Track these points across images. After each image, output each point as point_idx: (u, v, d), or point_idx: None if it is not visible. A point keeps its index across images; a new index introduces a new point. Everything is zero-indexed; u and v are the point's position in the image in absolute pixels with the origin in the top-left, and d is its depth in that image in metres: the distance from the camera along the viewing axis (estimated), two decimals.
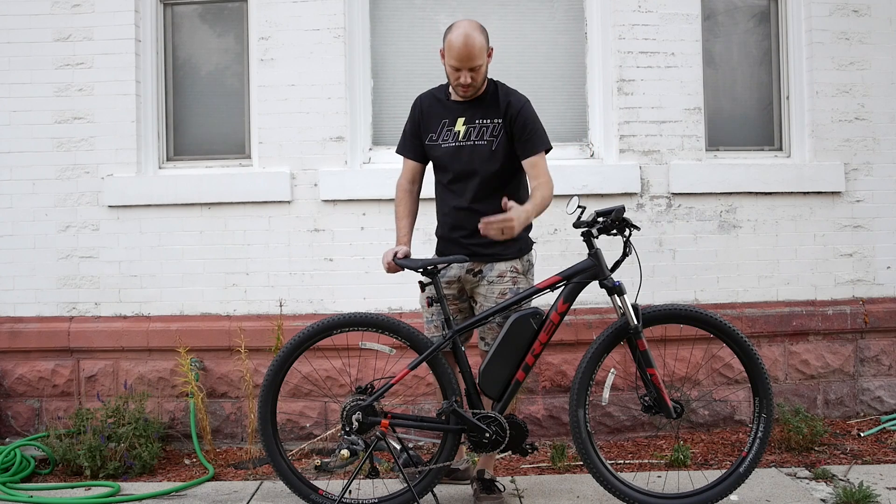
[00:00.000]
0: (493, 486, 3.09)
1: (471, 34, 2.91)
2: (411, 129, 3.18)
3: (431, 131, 3.10)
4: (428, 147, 3.12)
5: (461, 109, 3.07)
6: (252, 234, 4.12)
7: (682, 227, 4.17)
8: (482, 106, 3.07)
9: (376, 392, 2.94)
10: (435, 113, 3.11)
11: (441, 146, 3.08)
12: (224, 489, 3.40)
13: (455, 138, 3.06)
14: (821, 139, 4.25)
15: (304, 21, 4.12)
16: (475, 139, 3.04)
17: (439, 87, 3.19)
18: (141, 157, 4.17)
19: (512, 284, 3.06)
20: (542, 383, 4.04)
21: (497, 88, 3.10)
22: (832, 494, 3.12)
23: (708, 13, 4.36)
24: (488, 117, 3.05)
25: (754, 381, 2.99)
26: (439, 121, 3.09)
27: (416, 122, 3.16)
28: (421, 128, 3.14)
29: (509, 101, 3.05)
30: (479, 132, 3.05)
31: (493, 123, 3.04)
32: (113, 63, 4.12)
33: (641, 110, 4.16)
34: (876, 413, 4.22)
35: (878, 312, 4.22)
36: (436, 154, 3.11)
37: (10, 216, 4.15)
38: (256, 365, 3.94)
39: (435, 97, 3.16)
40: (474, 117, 3.06)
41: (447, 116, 3.09)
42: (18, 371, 4.07)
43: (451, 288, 3.11)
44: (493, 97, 3.08)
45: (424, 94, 3.21)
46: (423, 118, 3.13)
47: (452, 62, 2.93)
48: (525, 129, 3.02)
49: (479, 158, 3.03)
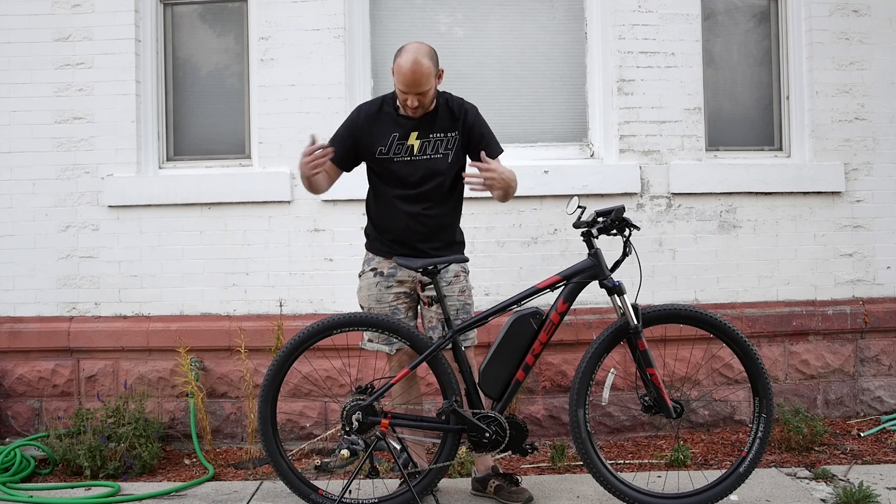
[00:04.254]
0: (515, 479, 3.16)
1: (419, 60, 2.90)
2: (346, 134, 3.12)
3: (380, 144, 3.07)
4: (377, 160, 3.09)
5: (413, 124, 3.07)
6: (252, 234, 4.12)
7: (682, 227, 4.17)
8: (435, 120, 3.09)
9: (376, 392, 2.94)
10: (382, 126, 3.09)
11: (394, 160, 3.07)
12: (224, 489, 3.40)
13: (409, 152, 3.07)
14: (821, 139, 4.25)
15: (304, 21, 4.12)
16: (430, 153, 3.07)
17: (384, 100, 3.15)
18: (141, 157, 4.17)
19: (467, 283, 3.18)
20: (542, 383, 4.04)
21: (447, 101, 3.12)
22: (832, 494, 3.12)
23: (708, 13, 4.36)
24: (443, 131, 3.08)
25: (754, 381, 2.99)
26: (388, 135, 3.07)
27: (353, 132, 3.11)
28: (362, 139, 3.09)
29: (465, 112, 3.10)
30: (433, 146, 3.08)
31: (448, 137, 3.08)
32: (113, 63, 4.12)
33: (641, 110, 4.16)
34: (876, 413, 4.22)
35: (878, 312, 4.21)
36: (388, 167, 3.08)
37: (10, 216, 4.15)
38: (256, 365, 3.94)
39: (381, 110, 3.12)
40: (428, 132, 3.07)
41: (397, 130, 3.07)
42: (18, 371, 4.07)
43: (403, 287, 3.14)
44: (444, 110, 3.10)
45: (367, 104, 3.18)
46: (367, 130, 3.09)
47: (400, 87, 2.96)
48: (483, 137, 3.10)
49: (436, 171, 3.08)
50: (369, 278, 3.17)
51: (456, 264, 3.14)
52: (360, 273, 3.23)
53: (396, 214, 3.10)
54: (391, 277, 3.13)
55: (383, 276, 3.13)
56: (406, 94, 2.96)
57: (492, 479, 3.18)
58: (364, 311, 3.19)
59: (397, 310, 3.14)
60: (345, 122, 3.18)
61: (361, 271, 3.23)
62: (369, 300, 3.17)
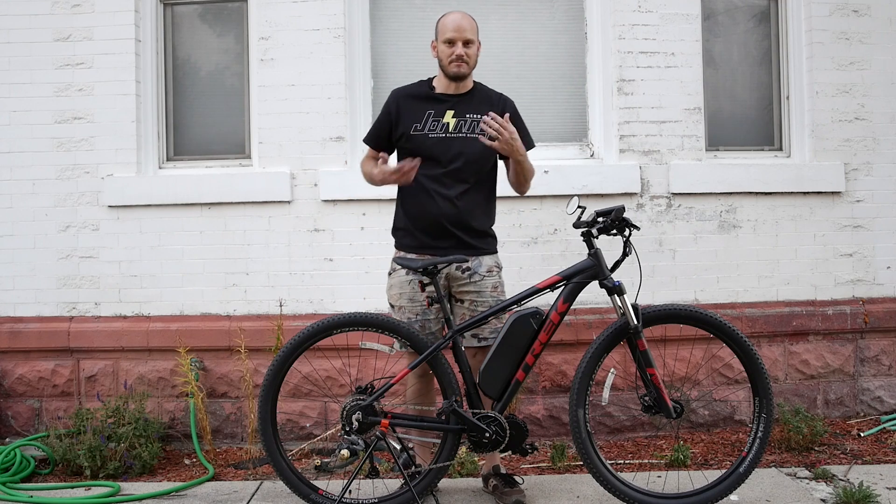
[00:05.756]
0: (513, 480, 3.14)
1: (464, 15, 3.06)
2: (384, 120, 3.17)
3: (415, 121, 3.08)
4: (411, 137, 3.08)
5: (450, 102, 3.09)
6: (252, 234, 4.12)
7: (682, 227, 4.17)
8: (472, 101, 3.11)
9: (376, 392, 2.94)
10: (418, 103, 3.11)
11: (428, 136, 3.07)
12: (224, 489, 3.40)
13: (444, 129, 3.07)
14: (821, 139, 4.25)
15: (304, 21, 4.12)
16: (466, 132, 3.07)
17: (419, 83, 3.20)
18: (141, 157, 4.17)
19: (499, 278, 3.15)
20: (542, 383, 4.04)
21: (484, 88, 3.18)
22: (832, 494, 3.12)
23: (708, 13, 4.36)
24: (480, 112, 3.06)
25: (754, 381, 2.99)
26: (424, 111, 3.09)
27: (390, 114, 3.14)
28: (400, 120, 3.11)
29: (504, 102, 3.15)
30: (469, 126, 3.08)
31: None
32: (113, 63, 4.12)
33: (641, 110, 4.16)
34: (876, 413, 4.22)
35: (878, 312, 4.22)
36: (422, 143, 3.07)
37: (10, 216, 4.15)
38: (256, 365, 3.94)
39: (416, 90, 3.17)
40: (464, 111, 3.08)
41: (433, 108, 3.09)
42: (18, 371, 4.08)
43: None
44: (481, 94, 3.15)
45: (402, 88, 3.21)
46: (402, 110, 3.11)
47: (448, 35, 3.01)
48: (519, 128, 3.08)
49: (470, 151, 3.06)
50: (401, 276, 3.12)
51: (489, 258, 3.12)
52: (390, 272, 3.19)
53: (429, 197, 3.06)
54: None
55: (416, 274, 3.08)
56: (453, 45, 3.00)
57: (492, 478, 3.19)
58: (394, 309, 3.17)
59: (427, 309, 3.10)
60: (383, 107, 3.19)
61: (392, 269, 3.19)
62: (400, 298, 3.13)
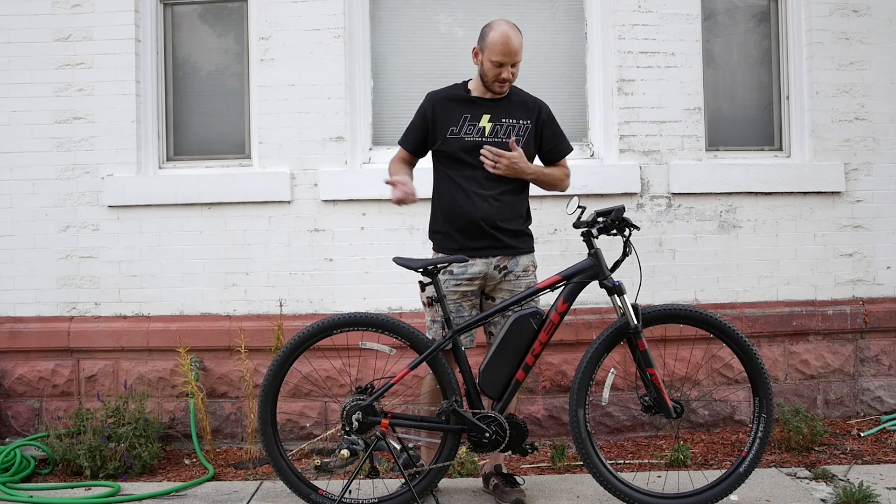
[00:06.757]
0: (514, 480, 3.15)
1: (514, 32, 3.02)
2: (420, 123, 3.17)
3: (452, 125, 3.09)
4: (448, 141, 3.09)
5: (487, 107, 3.10)
6: (252, 234, 4.12)
7: (682, 227, 4.17)
8: (508, 106, 3.11)
9: (376, 392, 2.94)
10: (454, 107, 3.11)
11: (465, 139, 3.08)
12: (224, 489, 3.40)
13: (480, 133, 3.08)
14: (821, 139, 4.25)
15: (304, 21, 4.12)
16: (503, 136, 3.08)
17: (454, 86, 3.20)
18: (141, 157, 4.17)
19: (534, 278, 3.16)
20: (542, 383, 4.04)
21: (519, 92, 3.19)
22: (832, 494, 3.12)
23: (708, 13, 4.36)
24: (516, 118, 3.10)
25: (754, 381, 2.99)
26: (459, 115, 3.09)
27: (426, 117, 3.14)
28: (436, 123, 3.12)
29: (540, 107, 3.17)
30: (506, 130, 3.09)
31: (520, 124, 3.11)
32: (113, 63, 4.12)
33: (641, 110, 4.16)
34: (876, 413, 4.22)
35: (878, 312, 4.22)
36: (458, 147, 3.08)
37: (10, 216, 4.15)
38: (256, 365, 3.94)
39: (452, 93, 3.16)
40: (500, 116, 3.09)
41: (469, 112, 3.09)
42: (18, 371, 4.08)
43: (473, 285, 3.10)
44: (517, 98, 3.15)
45: (437, 91, 3.20)
46: (438, 114, 3.11)
47: (496, 58, 2.98)
48: (555, 134, 3.18)
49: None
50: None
51: (525, 258, 3.14)
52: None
53: (466, 197, 3.06)
54: (461, 276, 3.07)
55: (452, 275, 3.07)
56: (501, 67, 2.99)
57: (493, 477, 3.19)
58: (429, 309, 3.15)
59: (461, 307, 3.10)
60: (417, 110, 3.19)
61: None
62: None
